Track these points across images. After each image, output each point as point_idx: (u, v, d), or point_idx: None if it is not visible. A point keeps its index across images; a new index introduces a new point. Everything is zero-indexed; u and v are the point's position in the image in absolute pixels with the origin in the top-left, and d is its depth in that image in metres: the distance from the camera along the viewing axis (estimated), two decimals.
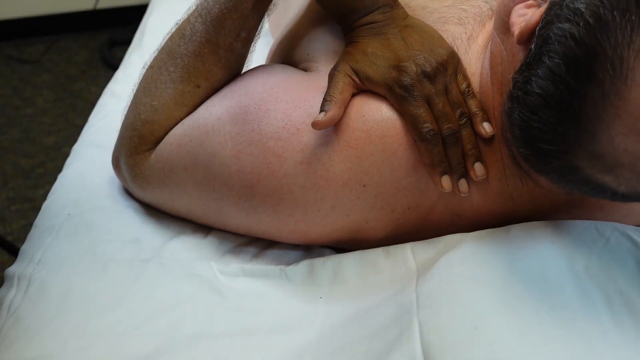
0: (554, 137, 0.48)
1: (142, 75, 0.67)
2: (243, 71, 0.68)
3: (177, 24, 0.66)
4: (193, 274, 0.61)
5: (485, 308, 0.51)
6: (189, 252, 0.65)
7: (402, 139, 0.57)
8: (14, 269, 0.63)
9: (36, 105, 2.07)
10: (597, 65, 0.44)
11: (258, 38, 0.66)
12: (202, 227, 0.67)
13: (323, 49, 0.64)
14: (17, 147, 1.88)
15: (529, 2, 0.52)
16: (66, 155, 0.82)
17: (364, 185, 0.57)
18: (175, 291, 0.59)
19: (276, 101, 0.59)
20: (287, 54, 0.68)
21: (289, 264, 0.64)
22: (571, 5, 0.46)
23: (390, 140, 0.57)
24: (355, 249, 0.63)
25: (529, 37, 0.50)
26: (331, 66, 0.60)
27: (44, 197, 0.74)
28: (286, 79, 0.61)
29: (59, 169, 0.79)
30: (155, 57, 0.66)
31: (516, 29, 0.51)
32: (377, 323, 0.54)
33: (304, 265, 0.62)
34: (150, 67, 0.66)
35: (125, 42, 1.73)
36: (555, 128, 0.48)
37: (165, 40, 0.66)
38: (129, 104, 0.68)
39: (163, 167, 0.64)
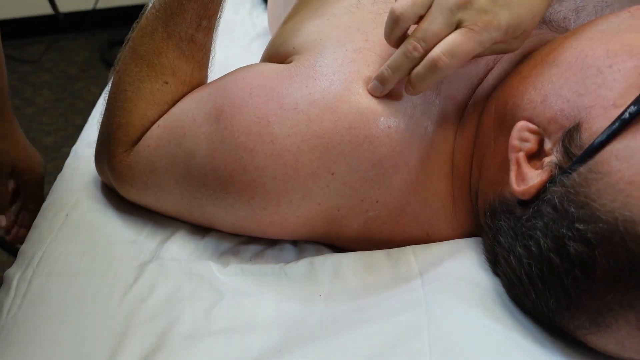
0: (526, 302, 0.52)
1: (111, 82, 0.67)
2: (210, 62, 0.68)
3: (137, 22, 0.66)
4: (192, 274, 0.61)
5: (494, 306, 0.52)
6: (187, 252, 0.65)
7: (368, 132, 0.57)
8: (13, 271, 0.63)
9: (36, 105, 2.07)
10: (570, 316, 0.48)
11: (218, 25, 0.67)
12: (200, 227, 0.68)
13: (306, 40, 0.64)
14: None
15: (534, 127, 0.51)
16: (66, 155, 0.82)
17: (333, 174, 0.58)
18: (174, 291, 0.59)
19: (249, 97, 0.59)
20: (277, 51, 0.68)
21: (288, 263, 0.64)
22: (561, 235, 0.46)
23: (357, 132, 0.57)
24: (339, 244, 0.64)
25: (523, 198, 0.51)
26: (313, 53, 0.60)
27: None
28: (261, 74, 0.61)
29: (58, 169, 0.79)
30: (121, 61, 0.66)
31: (513, 163, 0.51)
32: (378, 322, 0.54)
33: (303, 263, 0.62)
34: (117, 71, 0.66)
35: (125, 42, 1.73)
36: (526, 304, 0.51)
37: (128, 42, 0.66)
38: (102, 112, 0.68)
39: (144, 168, 0.64)
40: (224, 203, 0.61)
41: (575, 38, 0.54)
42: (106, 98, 0.68)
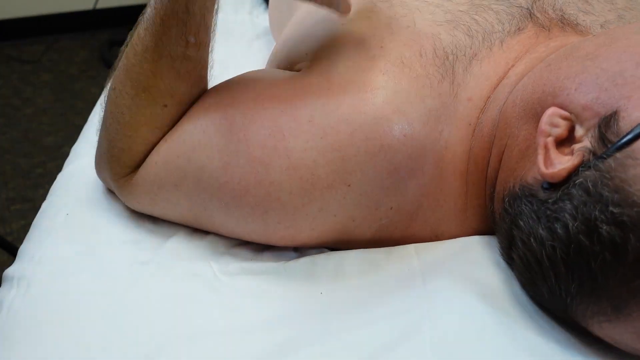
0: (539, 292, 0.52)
1: (107, 97, 0.64)
2: (216, 75, 0.66)
3: (130, 35, 0.63)
4: (192, 274, 0.61)
5: (496, 304, 0.52)
6: (188, 252, 0.64)
7: (384, 141, 0.57)
8: (13, 270, 0.63)
9: (36, 105, 2.07)
10: (591, 301, 0.47)
11: (213, 39, 0.63)
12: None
13: (319, 47, 0.63)
14: (17, 147, 1.87)
15: (566, 114, 0.51)
16: (66, 155, 0.82)
17: (349, 185, 0.57)
18: (174, 291, 0.59)
19: (263, 109, 0.58)
20: (287, 56, 0.68)
21: (289, 261, 0.64)
22: (593, 217, 0.46)
23: (373, 142, 0.56)
24: (345, 249, 0.64)
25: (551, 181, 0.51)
26: (325, 62, 0.59)
27: (43, 197, 0.74)
28: (273, 83, 0.60)
29: (58, 169, 0.79)
30: (116, 78, 0.63)
31: (541, 147, 0.51)
32: (380, 320, 0.54)
33: (304, 262, 0.62)
34: (113, 89, 0.63)
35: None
36: (542, 289, 0.51)
37: (122, 58, 0.63)
38: (100, 126, 0.66)
39: (151, 185, 0.63)
40: (236, 215, 0.60)
41: (608, 38, 0.54)
42: (104, 108, 0.65)
